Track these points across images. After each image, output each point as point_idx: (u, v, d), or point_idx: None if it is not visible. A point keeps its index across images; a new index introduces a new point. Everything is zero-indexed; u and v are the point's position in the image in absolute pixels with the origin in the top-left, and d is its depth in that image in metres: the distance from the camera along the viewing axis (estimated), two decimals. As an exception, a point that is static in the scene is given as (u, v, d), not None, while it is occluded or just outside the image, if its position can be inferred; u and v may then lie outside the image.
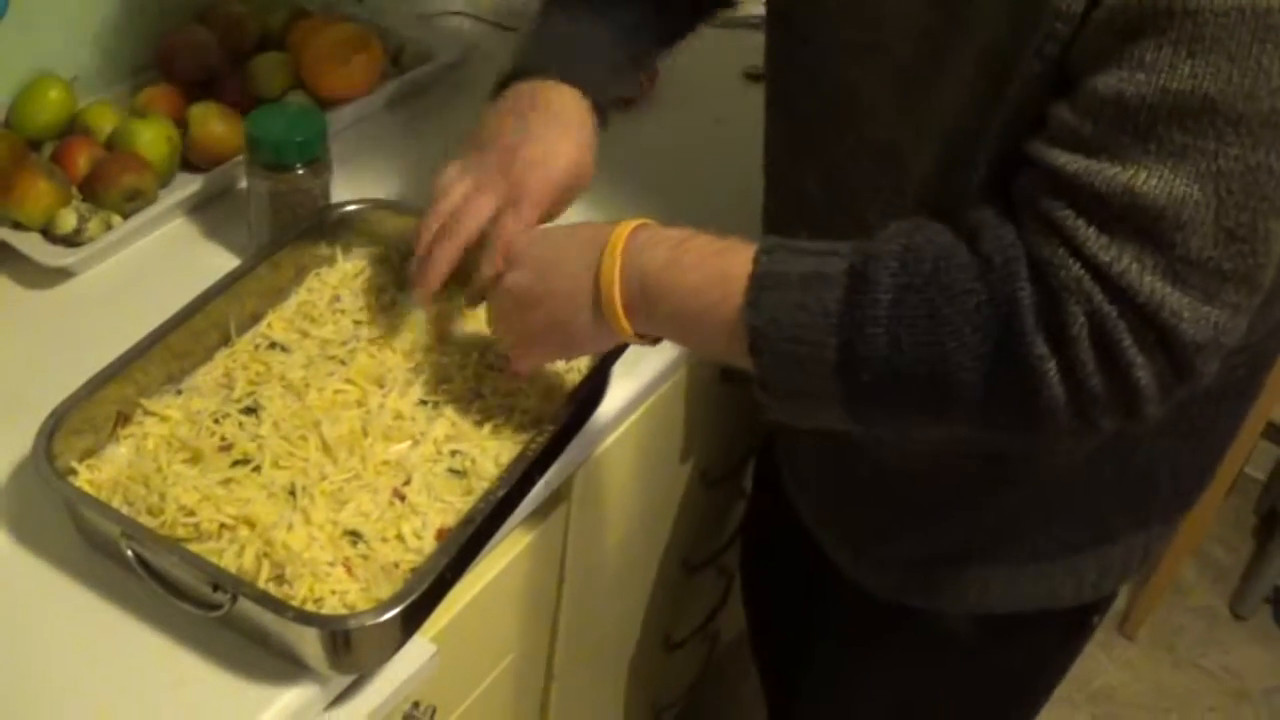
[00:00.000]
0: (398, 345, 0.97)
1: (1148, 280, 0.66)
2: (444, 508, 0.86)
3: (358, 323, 0.99)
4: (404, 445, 0.90)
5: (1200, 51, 0.63)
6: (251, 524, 0.82)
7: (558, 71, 0.93)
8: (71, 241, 1.05)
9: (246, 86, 1.21)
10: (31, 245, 1.05)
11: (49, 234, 1.06)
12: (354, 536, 0.83)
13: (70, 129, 1.15)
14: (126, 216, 1.09)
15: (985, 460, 0.89)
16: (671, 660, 1.51)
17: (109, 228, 1.07)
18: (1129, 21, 0.65)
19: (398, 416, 0.92)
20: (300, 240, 1.02)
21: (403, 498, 0.86)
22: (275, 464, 0.87)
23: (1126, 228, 0.66)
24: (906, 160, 0.82)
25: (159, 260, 1.08)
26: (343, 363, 0.95)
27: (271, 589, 0.79)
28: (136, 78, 1.23)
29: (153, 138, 1.12)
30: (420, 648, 0.85)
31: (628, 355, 0.94)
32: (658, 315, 0.80)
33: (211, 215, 1.13)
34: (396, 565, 0.82)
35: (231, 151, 1.13)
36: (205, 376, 0.94)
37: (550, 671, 1.22)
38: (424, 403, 0.93)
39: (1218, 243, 0.66)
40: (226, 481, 0.86)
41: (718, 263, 0.77)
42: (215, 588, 0.77)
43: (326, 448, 0.88)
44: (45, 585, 0.84)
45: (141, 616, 0.82)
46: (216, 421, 0.90)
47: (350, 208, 1.04)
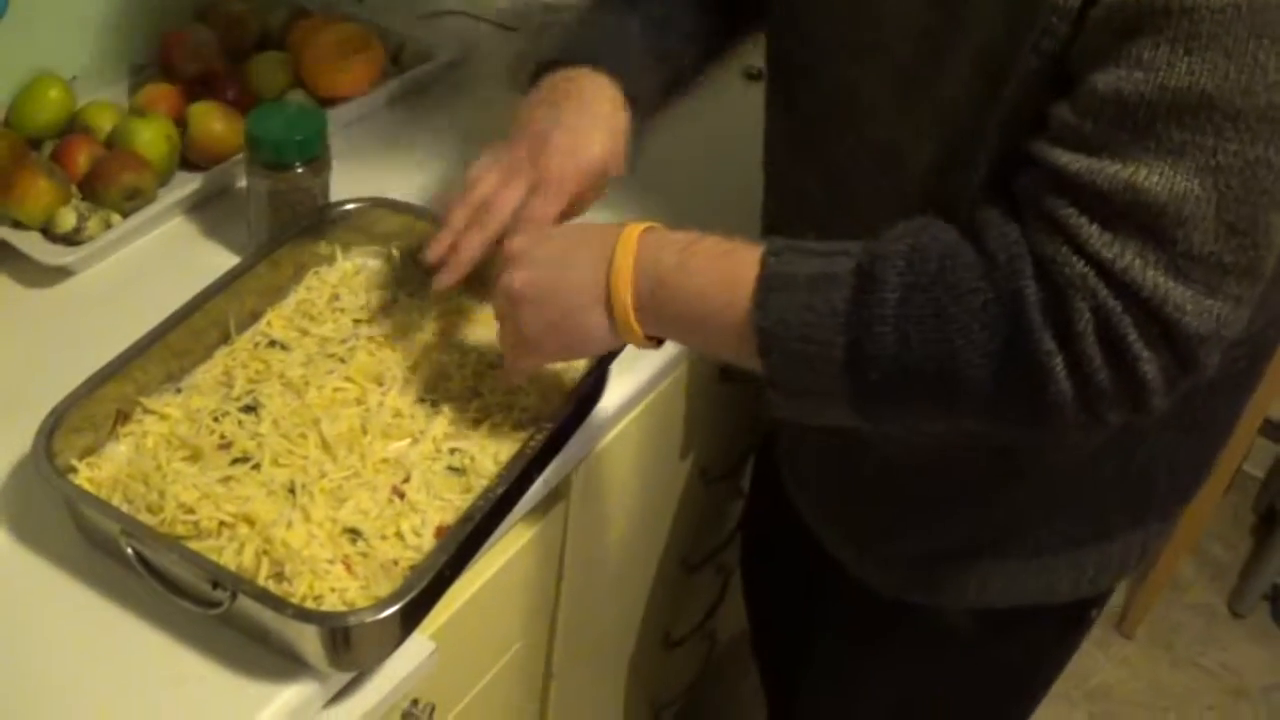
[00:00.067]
0: (397, 343, 0.97)
1: (1151, 275, 0.67)
2: (443, 505, 0.86)
3: (357, 321, 0.99)
4: (403, 443, 0.90)
5: (1197, 49, 0.63)
6: (251, 522, 0.82)
7: (587, 60, 0.92)
8: (71, 240, 1.06)
9: (246, 85, 1.21)
10: (31, 244, 1.05)
11: (49, 233, 1.06)
12: (353, 534, 0.83)
13: (70, 128, 1.15)
14: (126, 215, 1.09)
15: (993, 454, 0.89)
16: (671, 658, 1.51)
17: (108, 226, 1.07)
18: (1126, 20, 0.65)
19: (397, 414, 0.92)
20: (300, 238, 1.02)
21: (402, 495, 0.86)
22: (275, 462, 0.87)
23: (1129, 224, 0.67)
24: (906, 159, 0.82)
25: (158, 259, 1.08)
26: (342, 361, 0.95)
27: (271, 586, 0.79)
28: (136, 76, 1.23)
29: (152, 136, 1.12)
30: (419, 645, 0.85)
31: (626, 352, 0.94)
32: (666, 317, 0.80)
33: (211, 214, 1.13)
34: (396, 563, 0.82)
35: (231, 150, 1.14)
36: (205, 375, 0.95)
37: (549, 669, 1.22)
38: (423, 400, 0.93)
39: (1219, 237, 0.66)
40: (226, 479, 0.86)
41: (725, 265, 0.78)
42: (215, 585, 0.77)
43: (326, 445, 0.89)
44: (45, 583, 0.84)
45: (141, 614, 0.82)
46: (216, 420, 0.90)
47: (350, 206, 1.04)
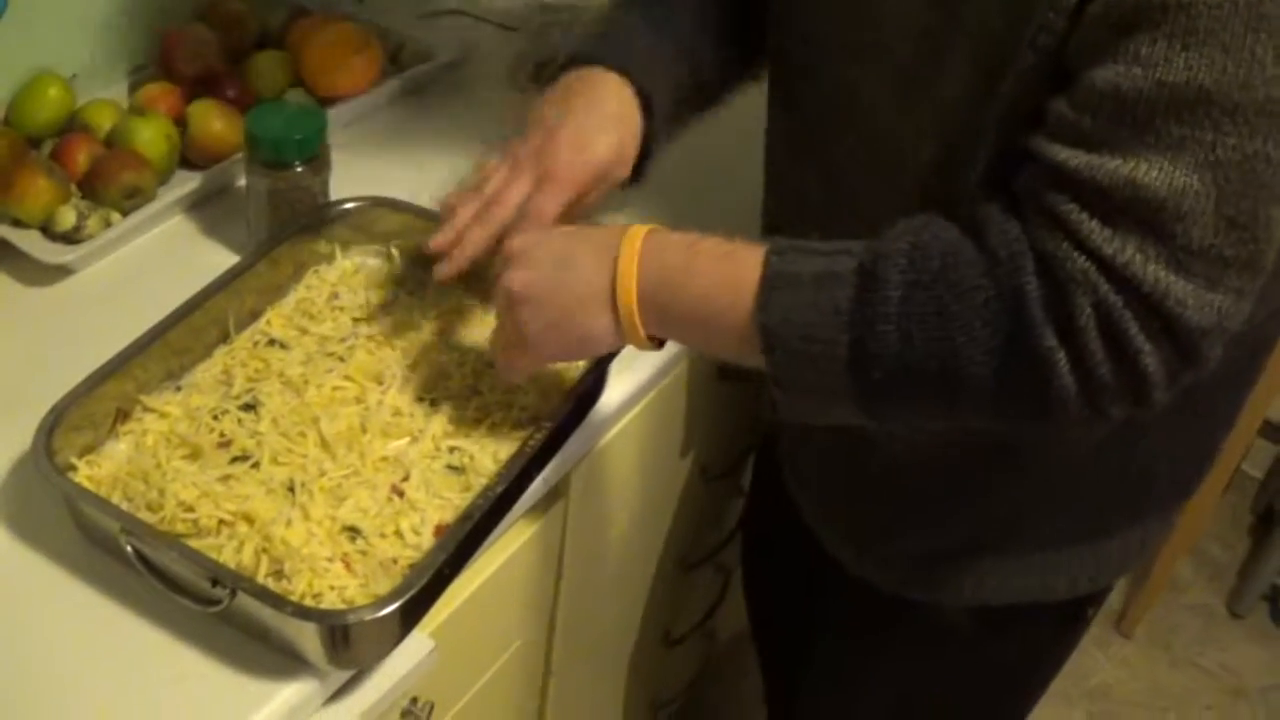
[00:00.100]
0: (396, 342, 0.97)
1: (1151, 270, 0.67)
2: (442, 504, 0.86)
3: (356, 320, 0.99)
4: (402, 441, 0.90)
5: (1194, 44, 0.64)
6: (250, 520, 0.82)
7: (602, 60, 0.92)
8: (71, 239, 1.06)
9: (246, 84, 1.21)
10: (31, 242, 1.05)
11: (48, 231, 1.06)
12: (353, 532, 0.83)
13: (70, 126, 1.15)
14: (126, 214, 1.09)
15: (996, 450, 0.89)
16: (670, 656, 1.51)
17: (108, 225, 1.07)
18: (1124, 16, 0.65)
19: (396, 413, 0.92)
20: (299, 237, 1.02)
21: (401, 494, 0.86)
22: (274, 460, 0.87)
23: (1129, 219, 0.67)
24: (906, 158, 0.82)
25: (158, 257, 1.08)
26: (341, 359, 0.95)
27: (270, 584, 0.79)
28: (136, 75, 1.23)
29: (152, 135, 1.12)
30: (419, 643, 0.85)
31: (626, 351, 0.94)
32: (670, 318, 0.81)
33: (210, 213, 1.13)
34: (395, 561, 0.82)
35: (230, 149, 1.14)
36: (204, 373, 0.95)
37: (549, 667, 1.22)
38: (422, 399, 0.93)
39: (1219, 231, 0.66)
40: (225, 478, 0.86)
41: (728, 265, 0.78)
42: (214, 583, 0.77)
43: (325, 444, 0.89)
44: (45, 581, 0.84)
45: (141, 612, 0.82)
46: (215, 418, 0.90)
47: (349, 205, 1.04)
